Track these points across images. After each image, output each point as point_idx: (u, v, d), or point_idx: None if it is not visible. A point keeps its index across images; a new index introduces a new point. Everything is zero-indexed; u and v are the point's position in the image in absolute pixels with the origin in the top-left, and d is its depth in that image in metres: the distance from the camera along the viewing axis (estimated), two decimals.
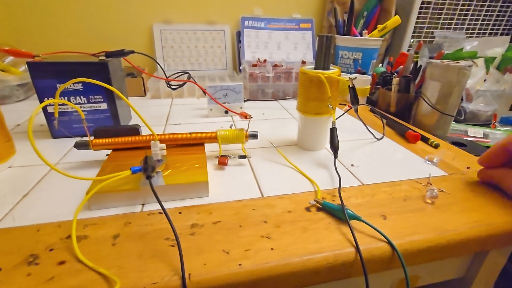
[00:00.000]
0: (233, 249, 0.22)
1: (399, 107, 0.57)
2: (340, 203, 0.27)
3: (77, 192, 0.29)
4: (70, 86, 0.39)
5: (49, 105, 0.39)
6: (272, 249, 0.22)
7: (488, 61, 0.81)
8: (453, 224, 0.26)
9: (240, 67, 0.73)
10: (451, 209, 0.28)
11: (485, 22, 0.96)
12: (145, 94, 0.66)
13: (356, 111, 0.38)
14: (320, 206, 0.27)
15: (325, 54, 0.36)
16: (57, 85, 0.39)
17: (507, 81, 0.76)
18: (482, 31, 0.97)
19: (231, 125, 0.39)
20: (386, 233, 0.24)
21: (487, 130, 0.63)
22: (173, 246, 0.23)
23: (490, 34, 0.98)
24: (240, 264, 0.21)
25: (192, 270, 0.20)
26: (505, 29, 0.99)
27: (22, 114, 0.53)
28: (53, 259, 0.21)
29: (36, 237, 0.23)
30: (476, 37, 0.97)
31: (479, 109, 0.70)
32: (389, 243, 0.23)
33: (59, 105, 0.40)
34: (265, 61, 0.69)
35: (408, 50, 0.87)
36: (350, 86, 0.35)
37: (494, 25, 0.97)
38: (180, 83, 0.55)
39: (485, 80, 0.76)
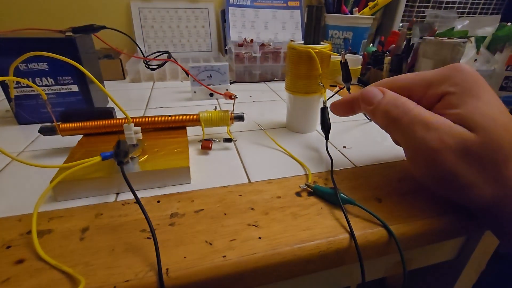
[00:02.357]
0: (217, 240, 0.20)
1: None
2: (333, 186, 0.25)
3: (43, 183, 0.26)
4: (34, 66, 0.35)
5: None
6: (259, 238, 0.21)
7: (479, 40, 0.79)
8: (450, 206, 0.24)
9: (226, 48, 0.70)
10: None
11: (476, 1, 0.94)
12: (124, 78, 0.62)
13: (349, 89, 0.36)
14: (312, 190, 0.26)
15: (315, 27, 0.33)
16: (19, 65, 0.35)
17: (497, 61, 0.75)
18: (473, 10, 0.95)
19: (215, 107, 0.36)
20: (381, 217, 0.22)
21: None
22: (150, 238, 0.20)
23: (480, 13, 0.96)
24: (224, 256, 0.19)
25: (171, 264, 0.18)
26: (495, 8, 0.97)
27: None
28: (9, 257, 0.18)
29: None
30: (467, 16, 0.95)
31: None
32: (385, 227, 0.22)
33: (23, 87, 0.36)
34: (251, 41, 0.66)
35: (400, 29, 0.85)
36: (342, 62, 0.33)
37: (485, 3, 0.95)
38: (160, 63, 0.51)
39: (475, 60, 0.75)
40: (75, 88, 0.38)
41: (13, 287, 0.17)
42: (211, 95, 0.50)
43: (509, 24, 0.80)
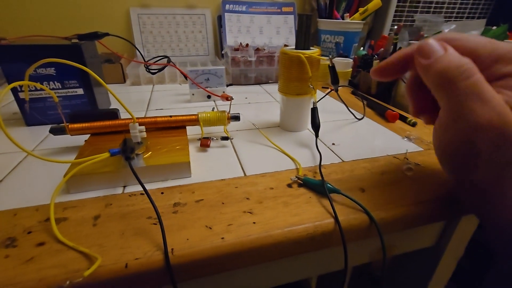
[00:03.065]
0: (216, 225, 0.23)
1: (380, 89, 0.58)
2: (321, 178, 0.28)
3: (55, 177, 0.28)
4: (42, 70, 0.38)
5: (21, 90, 0.38)
6: (254, 223, 0.23)
7: None
8: (427, 194, 0.27)
9: (222, 52, 0.72)
10: (426, 181, 0.29)
11: (463, 6, 0.98)
12: (125, 81, 0.65)
13: (336, 90, 0.38)
14: (301, 182, 0.28)
15: (305, 34, 0.36)
16: None
17: None
18: (460, 15, 0.99)
19: (213, 108, 0.38)
20: (364, 204, 0.25)
21: None
22: (155, 224, 0.23)
23: (467, 17, 1.00)
24: (222, 238, 0.21)
25: (175, 245, 0.21)
26: (481, 13, 1.01)
27: None
28: (31, 241, 0.21)
29: (13, 221, 0.23)
30: (454, 20, 0.99)
31: None
32: (366, 212, 0.24)
33: (32, 90, 0.38)
34: (247, 45, 0.68)
35: (389, 34, 0.88)
36: (330, 65, 0.36)
37: (471, 8, 0.99)
38: (160, 67, 0.54)
39: None
40: (80, 91, 0.40)
41: (37, 265, 0.19)
42: (209, 97, 0.53)
43: (494, 27, 0.84)
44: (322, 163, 0.31)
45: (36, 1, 0.68)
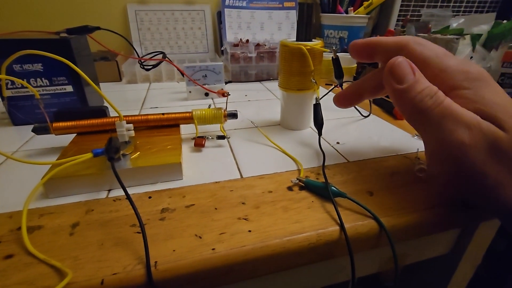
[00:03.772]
0: (207, 233, 0.20)
1: None
2: (324, 180, 0.25)
3: (36, 180, 0.26)
4: (29, 66, 0.36)
5: (7, 88, 0.36)
6: (249, 231, 0.20)
7: (474, 38, 0.80)
8: (442, 198, 0.24)
9: (222, 49, 0.70)
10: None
11: (471, 0, 0.94)
12: (121, 79, 0.63)
13: (341, 85, 0.36)
14: (303, 185, 0.26)
15: (306, 24, 0.33)
16: (13, 65, 0.35)
17: (493, 58, 0.75)
18: (468, 9, 0.96)
19: (209, 105, 0.36)
20: (372, 210, 0.22)
21: None
22: (139, 233, 0.20)
23: (476, 11, 0.97)
24: (213, 249, 0.19)
25: (159, 257, 0.18)
26: (491, 6, 0.98)
27: None
28: None
29: None
30: (462, 14, 0.96)
31: None
32: (376, 219, 0.22)
33: (18, 88, 0.36)
34: (247, 41, 0.66)
35: (395, 28, 0.85)
36: (334, 58, 0.33)
37: (480, 2, 0.95)
38: (155, 63, 0.51)
39: (471, 58, 0.75)
40: (69, 88, 0.38)
41: (2, 281, 0.17)
42: (207, 94, 0.50)
43: (504, 21, 0.80)
44: (325, 164, 0.29)
45: None
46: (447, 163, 0.20)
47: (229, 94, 0.38)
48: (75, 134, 0.31)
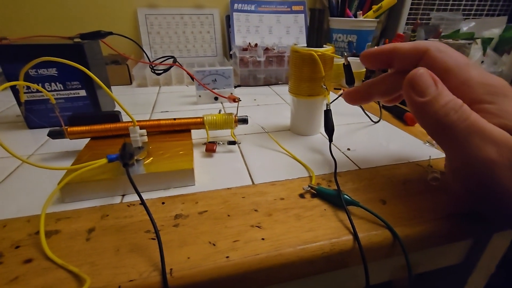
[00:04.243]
0: (220, 241, 0.20)
1: None
2: (336, 188, 0.25)
3: (52, 184, 0.27)
4: (44, 71, 0.36)
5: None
6: (263, 239, 0.21)
7: (486, 42, 0.79)
8: (458, 207, 0.24)
9: (231, 53, 0.70)
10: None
11: (482, 2, 0.93)
12: (131, 83, 0.63)
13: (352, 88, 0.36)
14: (315, 192, 0.26)
15: (317, 30, 0.33)
16: (29, 70, 0.36)
17: (505, 63, 0.74)
18: (479, 12, 0.95)
19: (220, 110, 0.36)
20: (385, 219, 0.22)
21: None
22: (154, 239, 0.20)
23: (487, 14, 0.95)
24: (227, 257, 0.19)
25: (174, 264, 0.18)
26: (502, 9, 0.96)
27: None
28: (18, 257, 0.19)
29: (2, 234, 0.21)
30: (473, 18, 0.94)
31: None
32: (389, 228, 0.22)
33: (33, 92, 0.37)
34: (256, 45, 0.66)
35: (404, 32, 0.85)
36: (345, 64, 0.33)
37: (491, 5, 0.94)
38: (165, 67, 0.52)
39: (482, 62, 0.74)
40: (83, 93, 0.39)
41: (21, 286, 0.17)
42: (216, 98, 0.51)
43: None
44: (337, 171, 0.29)
45: (43, 1, 0.68)
46: (472, 179, 0.20)
47: (240, 100, 0.38)
48: (89, 139, 0.32)
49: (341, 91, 0.57)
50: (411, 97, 0.21)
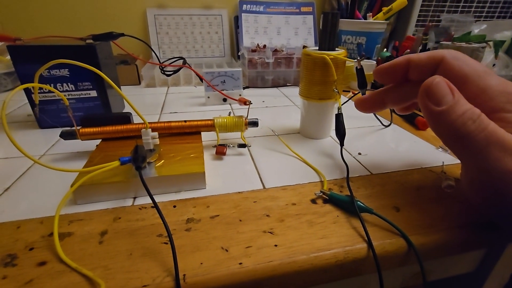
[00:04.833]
0: (233, 246, 0.20)
1: None
2: (349, 194, 0.25)
3: (64, 186, 0.27)
4: (56, 72, 0.37)
5: (32, 92, 0.37)
6: (275, 245, 0.20)
7: (497, 45, 0.77)
8: (472, 216, 0.24)
9: (239, 54, 0.70)
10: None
11: (494, 5, 0.92)
12: (140, 83, 0.64)
13: (364, 95, 0.35)
14: (327, 198, 0.25)
15: (330, 34, 0.33)
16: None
17: None
18: (490, 14, 0.93)
19: (230, 112, 0.36)
20: (400, 226, 0.22)
21: None
22: (167, 243, 0.20)
23: (499, 16, 0.94)
24: (240, 263, 0.19)
25: (187, 270, 0.18)
26: None
27: (9, 104, 0.50)
28: (32, 259, 0.19)
29: (16, 235, 0.21)
30: (484, 20, 0.93)
31: None
32: (404, 237, 0.21)
33: (45, 92, 0.37)
34: (264, 46, 0.66)
35: (414, 34, 0.84)
36: (358, 68, 0.33)
37: (503, 7, 0.93)
38: (175, 68, 0.52)
39: (494, 65, 0.73)
40: (94, 93, 0.39)
41: None
42: (225, 100, 0.51)
43: None
44: (349, 176, 0.28)
45: (54, 1, 0.68)
46: (489, 190, 0.19)
47: (251, 103, 0.38)
48: (100, 140, 0.32)
49: (350, 93, 0.56)
50: (427, 106, 0.20)
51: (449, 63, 0.22)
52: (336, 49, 0.34)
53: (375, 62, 0.60)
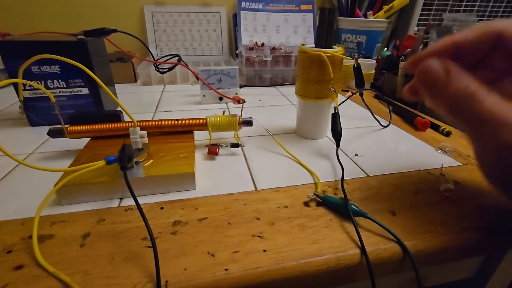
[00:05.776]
0: (220, 251, 0.19)
1: None
2: (343, 196, 0.24)
3: (49, 185, 0.26)
4: (47, 68, 0.36)
5: (24, 89, 0.36)
6: (264, 250, 0.19)
7: None
8: (471, 221, 0.23)
9: (237, 52, 0.69)
10: (468, 203, 0.25)
11: (497, 4, 0.90)
12: (136, 81, 0.63)
13: (361, 94, 0.34)
14: (321, 200, 0.24)
15: (327, 30, 0.32)
16: (31, 67, 0.35)
17: None
18: (493, 13, 0.92)
19: (224, 111, 0.35)
20: (395, 232, 0.21)
21: None
22: (151, 247, 0.20)
23: (502, 16, 0.92)
24: (226, 269, 0.18)
25: (170, 276, 0.17)
26: None
27: (2, 100, 0.49)
28: (9, 262, 0.18)
29: None
30: (487, 19, 0.92)
31: None
32: (400, 243, 0.20)
33: (34, 89, 0.36)
34: (263, 44, 0.65)
35: (415, 33, 0.82)
36: (355, 66, 0.32)
37: (506, 6, 0.91)
38: (170, 66, 0.51)
39: None
40: (85, 90, 0.38)
41: None
42: (221, 99, 0.50)
43: None
44: (344, 178, 0.27)
45: None
46: (494, 165, 0.18)
47: (244, 102, 0.37)
48: (89, 138, 0.31)
49: (349, 93, 0.55)
50: (424, 91, 0.20)
51: (510, 38, 0.19)
52: (334, 46, 0.33)
53: (374, 61, 0.59)
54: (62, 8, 0.69)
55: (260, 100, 0.52)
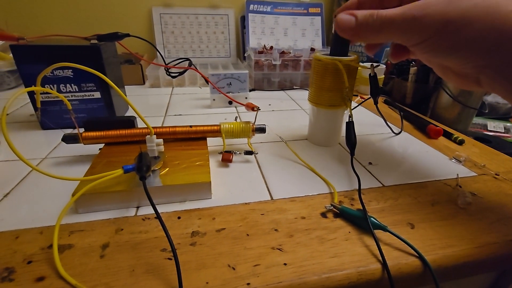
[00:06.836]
0: (240, 264, 0.19)
1: (416, 98, 0.53)
2: (361, 208, 0.24)
3: (65, 192, 0.26)
4: (60, 72, 0.36)
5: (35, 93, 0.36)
6: (285, 264, 0.19)
7: None
8: (493, 235, 0.22)
9: (245, 55, 0.69)
10: (487, 216, 0.25)
11: None
12: (144, 83, 0.63)
13: (376, 103, 0.34)
14: (338, 212, 0.24)
15: (343, 39, 0.31)
16: None
17: None
18: None
19: (236, 117, 0.35)
20: (415, 245, 0.21)
21: (508, 124, 0.59)
22: (171, 259, 0.19)
23: None
24: (248, 283, 0.18)
25: None
26: None
27: (11, 103, 0.49)
28: (31, 273, 0.18)
29: (14, 246, 0.20)
30: None
31: (498, 101, 0.65)
32: (421, 258, 0.20)
33: (47, 93, 0.36)
34: (271, 48, 0.65)
35: None
36: (371, 74, 0.32)
37: None
38: (181, 70, 0.51)
39: None
40: (97, 94, 0.38)
41: None
42: (230, 103, 0.50)
43: None
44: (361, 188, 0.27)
45: (59, 1, 0.67)
46: (425, 40, 0.21)
47: (259, 109, 0.37)
48: (103, 144, 0.31)
49: (359, 98, 0.55)
50: (346, 36, 0.25)
51: None
52: (349, 54, 0.33)
53: (384, 66, 0.59)
54: (72, 11, 0.69)
55: (269, 105, 0.52)
